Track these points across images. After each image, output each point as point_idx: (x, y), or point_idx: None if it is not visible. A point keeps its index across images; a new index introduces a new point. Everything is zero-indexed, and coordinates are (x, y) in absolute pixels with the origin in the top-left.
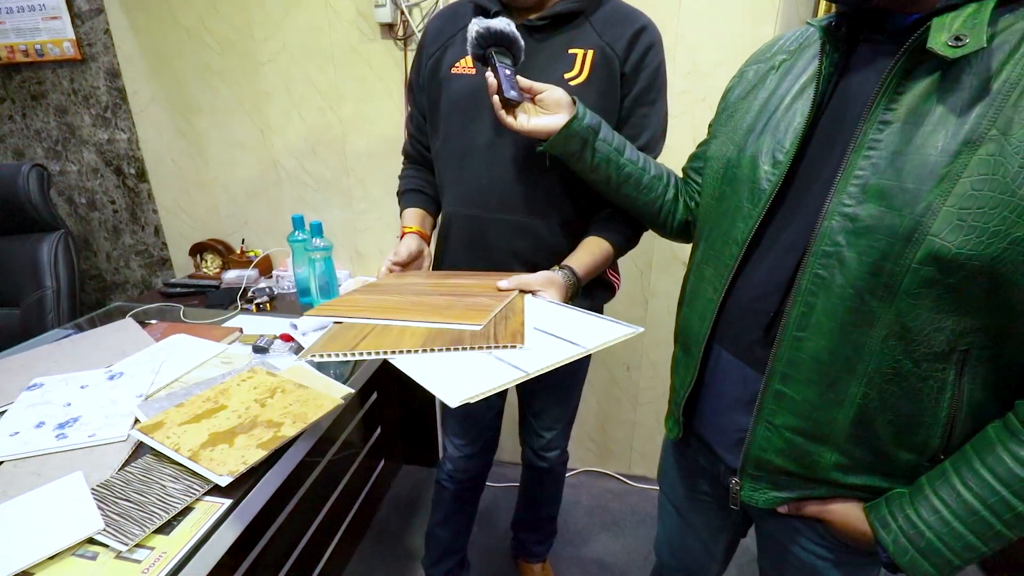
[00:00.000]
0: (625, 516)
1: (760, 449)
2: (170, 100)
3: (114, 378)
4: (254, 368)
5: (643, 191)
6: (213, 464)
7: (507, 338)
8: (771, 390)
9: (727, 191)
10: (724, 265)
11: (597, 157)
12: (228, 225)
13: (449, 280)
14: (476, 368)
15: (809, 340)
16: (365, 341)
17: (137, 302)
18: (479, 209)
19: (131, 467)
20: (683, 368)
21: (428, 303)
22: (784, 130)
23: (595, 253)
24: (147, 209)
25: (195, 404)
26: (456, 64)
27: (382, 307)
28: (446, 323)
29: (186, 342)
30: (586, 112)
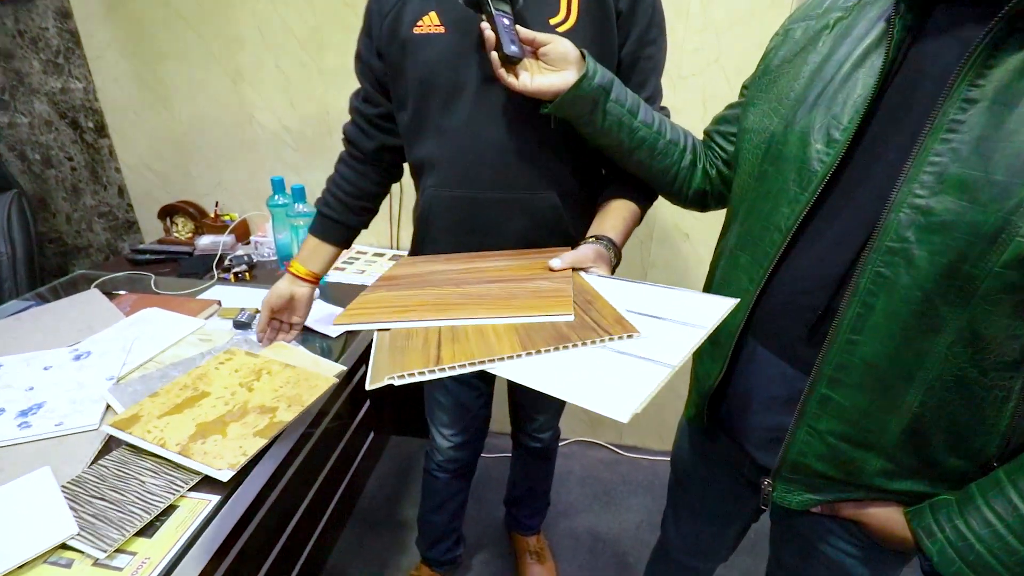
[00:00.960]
0: (616, 486)
1: (799, 454)
2: (130, 45)
3: (81, 358)
4: (232, 348)
5: (657, 157)
6: (208, 458)
7: (616, 327)
8: (816, 394)
9: (770, 170)
10: (764, 253)
11: (608, 120)
12: (200, 186)
13: (477, 263)
14: (609, 369)
15: (864, 344)
16: (445, 350)
17: (103, 270)
18: (467, 188)
19: (105, 460)
20: (709, 359)
21: (482, 294)
22: (842, 103)
23: (626, 218)
24: (109, 167)
25: (172, 393)
26: (419, 23)
27: (429, 304)
28: (529, 315)
29: (159, 317)
30: (597, 69)
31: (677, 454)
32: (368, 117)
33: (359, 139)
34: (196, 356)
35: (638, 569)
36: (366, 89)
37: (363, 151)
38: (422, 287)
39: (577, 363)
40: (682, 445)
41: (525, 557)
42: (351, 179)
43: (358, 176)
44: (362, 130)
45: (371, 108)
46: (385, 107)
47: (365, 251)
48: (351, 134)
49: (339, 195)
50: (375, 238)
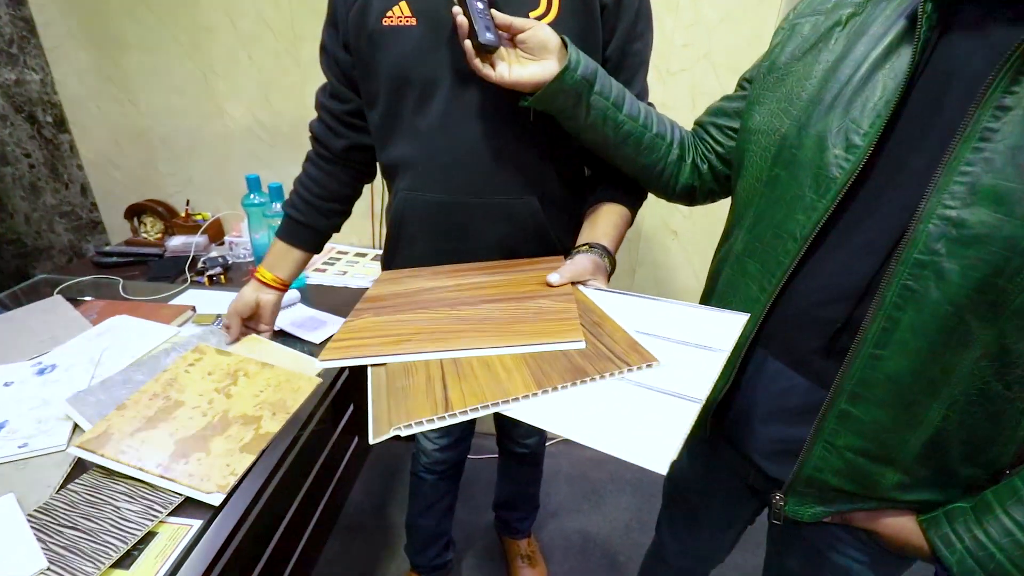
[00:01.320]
0: (604, 485)
1: (815, 469)
2: (91, 34)
3: (45, 372)
4: (200, 346)
5: (643, 152)
6: (195, 480)
7: (633, 356)
8: (835, 409)
9: (782, 175)
10: (776, 262)
11: (592, 114)
12: (169, 184)
13: (467, 278)
14: (634, 408)
15: (889, 359)
16: (452, 391)
17: (66, 274)
18: (443, 192)
19: (75, 484)
20: None
21: (482, 318)
22: (861, 106)
23: (617, 223)
24: (70, 164)
25: (141, 404)
26: (388, 14)
27: (425, 332)
28: (537, 343)
29: (129, 325)
30: (580, 59)
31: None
32: (335, 114)
33: (327, 137)
34: (160, 354)
35: (629, 568)
36: (332, 84)
37: (331, 150)
38: (413, 310)
39: (597, 401)
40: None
41: (516, 561)
42: (319, 180)
43: (326, 176)
44: (329, 128)
45: (338, 104)
46: (354, 103)
47: (346, 251)
48: (318, 132)
49: (307, 196)
50: (356, 237)
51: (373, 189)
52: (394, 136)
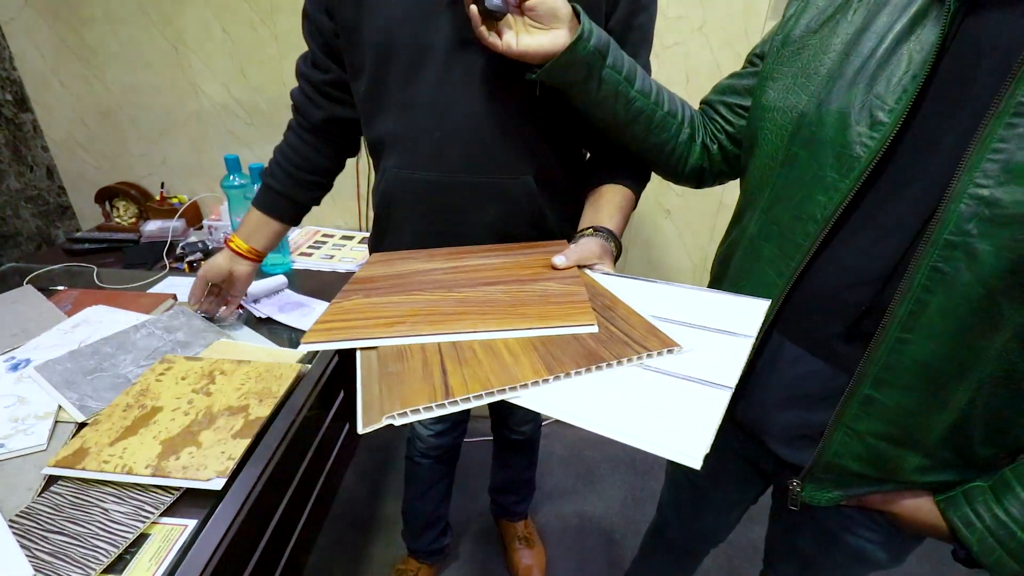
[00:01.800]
0: (599, 464)
1: (836, 455)
2: (50, 5)
3: (19, 367)
4: (167, 356)
5: (654, 130)
6: (190, 472)
7: (652, 340)
8: (859, 395)
9: (801, 154)
10: (794, 244)
11: (603, 89)
12: (142, 165)
13: (465, 261)
14: (658, 396)
15: (916, 343)
16: (453, 376)
17: (36, 262)
18: (434, 170)
19: (58, 487)
20: None
21: (484, 300)
22: (886, 81)
23: (622, 206)
24: (34, 145)
25: (115, 416)
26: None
27: (421, 314)
28: (546, 327)
29: (107, 316)
30: (592, 29)
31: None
32: (315, 84)
33: (306, 107)
34: (130, 330)
35: (625, 545)
36: (314, 52)
37: (310, 121)
38: (407, 291)
39: (616, 388)
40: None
41: (514, 543)
42: (300, 150)
43: (307, 147)
44: (309, 98)
45: (319, 74)
46: (334, 73)
47: (332, 234)
48: (298, 100)
49: (286, 167)
50: (342, 219)
51: (359, 169)
52: (381, 109)
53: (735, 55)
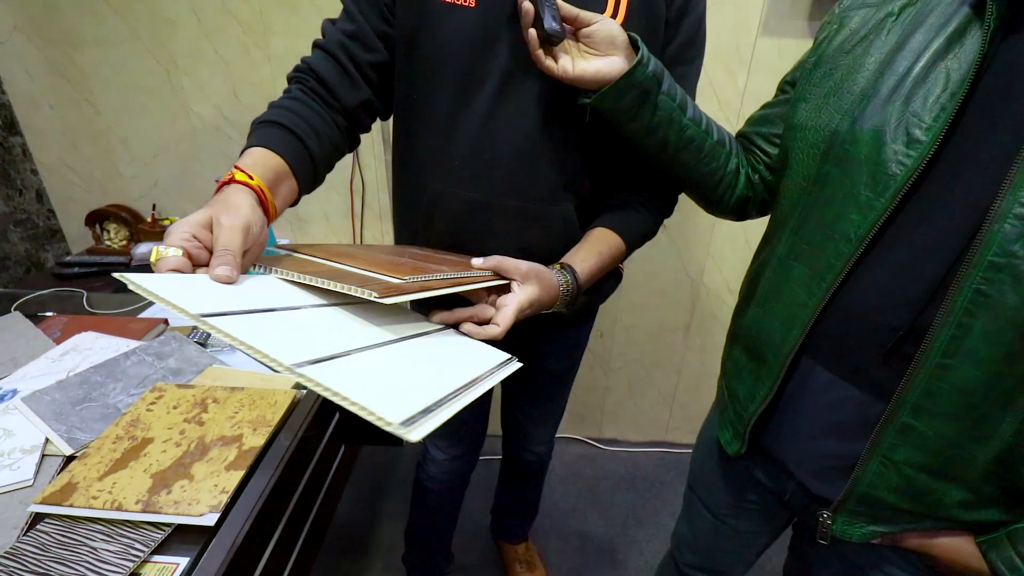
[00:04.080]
0: (599, 482)
1: (870, 486)
2: (40, 29)
3: (5, 398)
4: (158, 385)
5: (704, 159)
6: (181, 507)
7: (377, 289)
8: (896, 423)
9: (833, 173)
10: (826, 265)
11: (657, 115)
12: (133, 188)
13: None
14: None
15: (958, 369)
16: (287, 262)
17: (24, 287)
18: (477, 191)
19: (44, 524)
20: (752, 378)
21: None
22: (923, 99)
23: (603, 253)
24: (23, 169)
25: (104, 449)
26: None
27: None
28: (366, 270)
29: (96, 343)
30: (650, 56)
31: (699, 473)
32: (358, 61)
33: (339, 85)
34: (120, 357)
35: (628, 566)
36: (359, 25)
37: (344, 104)
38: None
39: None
40: (706, 464)
41: (515, 566)
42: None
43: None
44: (348, 75)
45: (365, 53)
46: (383, 55)
47: None
48: (326, 73)
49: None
50: (336, 238)
51: (353, 189)
52: (429, 123)
53: (727, 71)
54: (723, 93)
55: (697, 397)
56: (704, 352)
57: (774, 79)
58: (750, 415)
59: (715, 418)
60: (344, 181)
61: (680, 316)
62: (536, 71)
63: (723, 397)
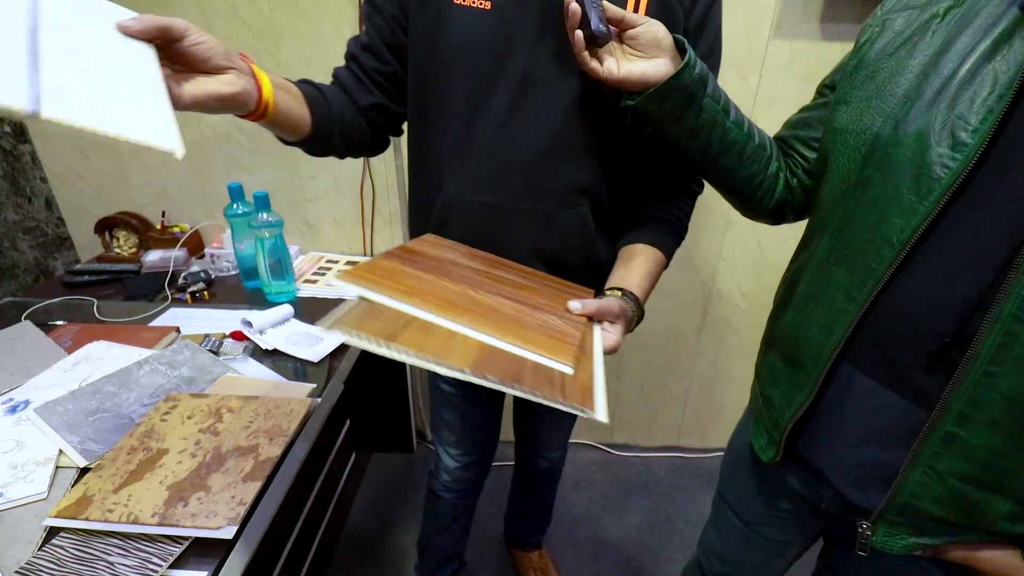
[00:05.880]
0: (612, 487)
1: (913, 496)
2: None
3: (17, 410)
4: (172, 394)
5: (745, 163)
6: (199, 520)
7: (576, 395)
8: (940, 431)
9: (875, 176)
10: (868, 269)
11: (702, 118)
12: (142, 195)
13: (498, 271)
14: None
15: (1005, 376)
16: (407, 334)
17: (33, 296)
18: (493, 194)
19: (60, 539)
20: (788, 383)
21: (492, 306)
22: (969, 101)
23: (652, 273)
24: (33, 177)
25: (119, 460)
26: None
27: (437, 298)
28: (525, 349)
29: (108, 351)
30: (697, 59)
31: (730, 480)
32: (367, 70)
33: (356, 91)
34: (132, 367)
35: (644, 573)
36: (371, 39)
37: (359, 104)
38: (437, 275)
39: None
40: (737, 471)
41: (529, 574)
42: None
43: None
44: (360, 80)
45: (373, 61)
46: (391, 67)
47: (337, 259)
48: (347, 82)
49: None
50: (347, 244)
51: (363, 193)
52: (445, 125)
53: (739, 74)
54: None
55: (709, 401)
56: (716, 356)
57: (787, 81)
58: (786, 421)
59: (747, 424)
60: (354, 186)
61: (692, 319)
62: (554, 73)
63: (757, 403)
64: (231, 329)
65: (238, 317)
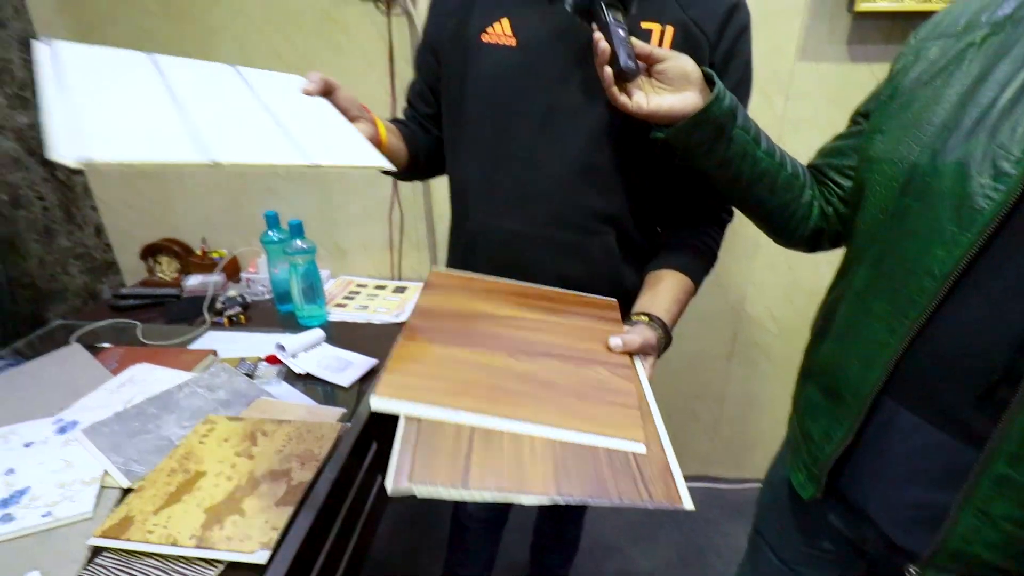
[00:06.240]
0: (644, 519)
1: (964, 541)
2: None
3: (66, 430)
4: (210, 417)
5: (778, 192)
6: (234, 543)
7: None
8: (991, 473)
9: (914, 207)
10: (909, 301)
11: (732, 149)
12: (185, 222)
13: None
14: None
15: None
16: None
17: (82, 318)
18: (518, 223)
19: (104, 559)
20: (827, 418)
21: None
22: (1010, 130)
23: (681, 300)
24: (84, 205)
25: (160, 482)
26: (488, 29)
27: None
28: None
29: (150, 374)
30: (726, 92)
31: (767, 516)
32: (420, 112)
33: (415, 133)
34: (173, 390)
35: None
36: (420, 84)
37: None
38: (470, 344)
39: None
40: (775, 507)
41: None
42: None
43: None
44: (417, 121)
45: (424, 106)
46: (436, 109)
47: (365, 283)
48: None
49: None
50: (375, 268)
51: (392, 218)
52: (473, 155)
53: (764, 97)
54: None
55: (742, 429)
56: (748, 382)
57: (814, 104)
58: (826, 457)
59: (785, 458)
60: (383, 212)
61: (721, 344)
62: (578, 106)
63: (795, 437)
64: (264, 352)
65: (271, 341)
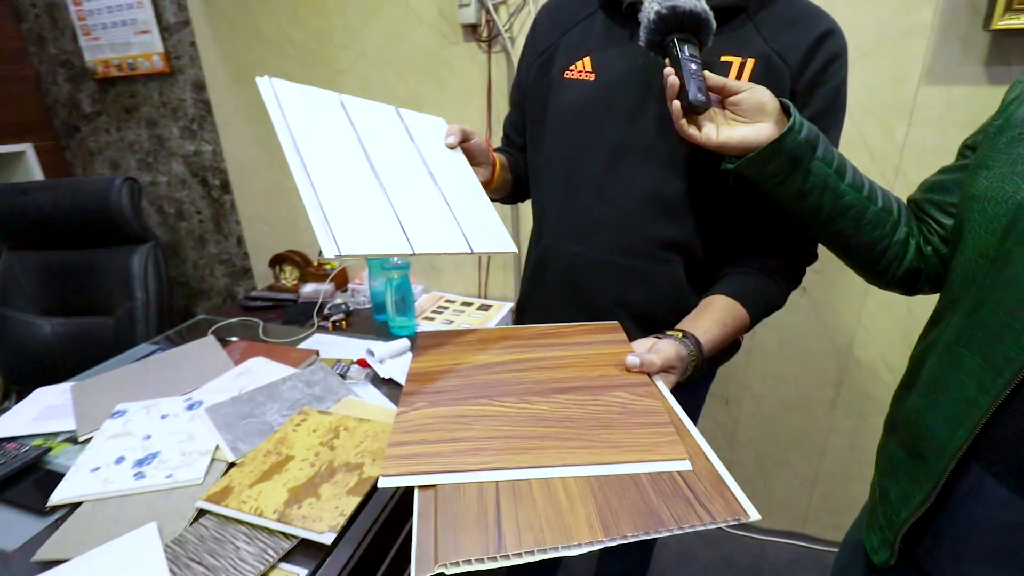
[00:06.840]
0: (718, 568)
1: None
2: (251, 112)
3: (193, 407)
4: (304, 409)
5: (865, 228)
6: (308, 522)
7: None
8: None
9: (1017, 252)
10: (1005, 358)
11: (810, 181)
12: (306, 236)
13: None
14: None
15: None
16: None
17: (220, 315)
18: (583, 246)
19: (205, 520)
20: (907, 478)
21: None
22: None
23: (727, 324)
24: (230, 219)
25: (257, 460)
26: (571, 67)
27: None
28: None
29: (264, 367)
30: (803, 123)
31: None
32: (514, 143)
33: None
34: (278, 381)
35: None
36: (515, 116)
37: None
38: (474, 399)
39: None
40: (849, 570)
41: None
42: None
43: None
44: (512, 155)
45: (517, 137)
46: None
47: (453, 300)
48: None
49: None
50: (463, 286)
51: None
52: (549, 181)
53: (881, 124)
54: (877, 148)
55: (845, 487)
56: (855, 436)
57: (943, 131)
58: (902, 521)
59: (863, 518)
60: None
61: (824, 390)
62: (650, 138)
63: (873, 495)
64: (358, 356)
65: (364, 347)
